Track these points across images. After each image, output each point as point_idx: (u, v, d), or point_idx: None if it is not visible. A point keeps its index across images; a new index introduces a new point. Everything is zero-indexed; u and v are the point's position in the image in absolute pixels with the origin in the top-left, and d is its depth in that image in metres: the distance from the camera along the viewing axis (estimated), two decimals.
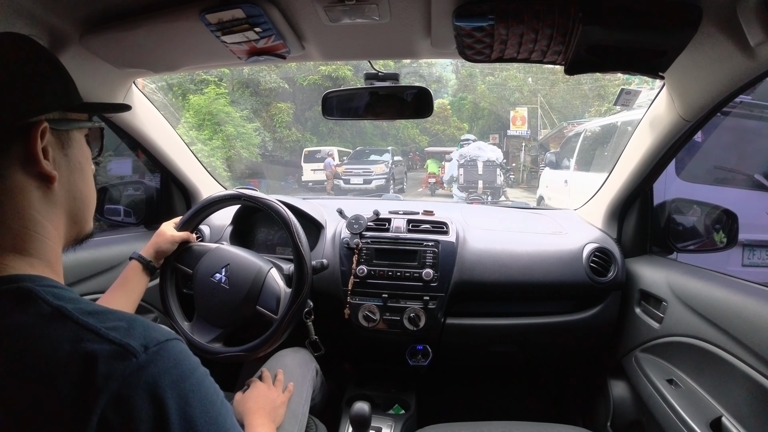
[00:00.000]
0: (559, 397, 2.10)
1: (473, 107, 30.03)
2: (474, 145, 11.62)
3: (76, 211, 0.68)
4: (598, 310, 1.63)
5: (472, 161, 10.97)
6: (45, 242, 0.62)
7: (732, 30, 0.91)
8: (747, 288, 1.17)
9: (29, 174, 0.59)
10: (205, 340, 1.35)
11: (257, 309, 1.34)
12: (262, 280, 1.37)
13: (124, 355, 0.49)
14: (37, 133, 0.59)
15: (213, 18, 1.03)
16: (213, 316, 1.38)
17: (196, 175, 2.03)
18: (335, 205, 1.89)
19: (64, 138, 0.65)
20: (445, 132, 29.09)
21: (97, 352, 0.49)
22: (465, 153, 11.14)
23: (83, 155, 0.69)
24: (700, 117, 1.25)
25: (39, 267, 0.60)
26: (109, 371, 0.48)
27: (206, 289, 1.38)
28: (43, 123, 0.60)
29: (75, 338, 0.50)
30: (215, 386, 0.57)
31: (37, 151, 0.59)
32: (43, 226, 0.62)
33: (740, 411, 1.08)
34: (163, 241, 1.37)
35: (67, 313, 0.52)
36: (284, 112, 19.05)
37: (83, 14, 1.08)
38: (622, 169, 1.65)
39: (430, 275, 1.59)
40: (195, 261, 1.42)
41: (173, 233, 1.41)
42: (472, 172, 10.99)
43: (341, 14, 1.04)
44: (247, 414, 1.12)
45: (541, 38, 1.01)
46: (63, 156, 0.65)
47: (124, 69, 1.39)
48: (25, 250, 0.59)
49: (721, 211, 1.59)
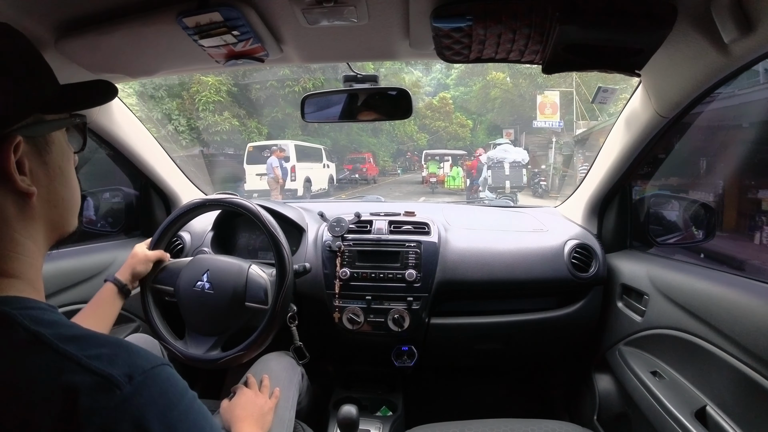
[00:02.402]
0: (546, 393, 2.12)
1: (481, 97, 27.34)
2: (500, 147, 12.15)
3: (57, 218, 0.63)
4: (580, 306, 1.65)
5: (498, 163, 11.48)
6: (24, 260, 0.58)
7: (706, 27, 0.93)
8: (726, 279, 1.19)
9: (4, 193, 0.55)
10: (202, 351, 1.33)
11: (247, 305, 1.33)
12: (245, 275, 1.36)
13: (107, 387, 0.46)
14: (9, 150, 0.53)
15: (190, 21, 1.01)
16: (205, 326, 1.37)
17: (175, 181, 2.01)
18: (316, 208, 1.89)
19: (41, 144, 0.59)
20: (447, 129, 27.55)
21: (79, 384, 0.46)
22: (492, 155, 11.81)
23: (63, 157, 0.63)
24: (676, 113, 1.27)
25: (19, 286, 0.56)
26: (92, 405, 0.45)
27: (192, 300, 1.36)
28: (16, 137, 0.54)
29: (54, 369, 0.47)
30: (204, 410, 0.55)
31: (11, 170, 0.54)
32: (22, 244, 0.57)
33: (724, 400, 1.10)
34: (137, 262, 1.35)
35: (45, 340, 0.49)
36: (211, 88, 14.04)
37: (58, 18, 1.06)
38: (601, 166, 1.67)
39: (413, 276, 1.59)
40: (174, 277, 1.41)
41: (146, 253, 1.38)
42: (499, 173, 11.59)
43: (319, 16, 1.04)
44: (235, 422, 1.10)
45: (519, 38, 1.02)
46: (41, 164, 0.59)
47: (101, 74, 1.36)
48: (3, 271, 0.55)
49: (699, 204, 1.62)
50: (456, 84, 31.49)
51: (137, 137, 1.77)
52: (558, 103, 16.78)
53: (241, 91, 16.45)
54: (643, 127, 1.39)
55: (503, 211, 2.15)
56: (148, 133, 1.84)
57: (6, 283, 0.55)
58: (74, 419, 0.45)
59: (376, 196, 2.35)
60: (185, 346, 1.36)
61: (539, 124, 17.74)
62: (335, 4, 0.98)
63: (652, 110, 1.31)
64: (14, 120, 0.55)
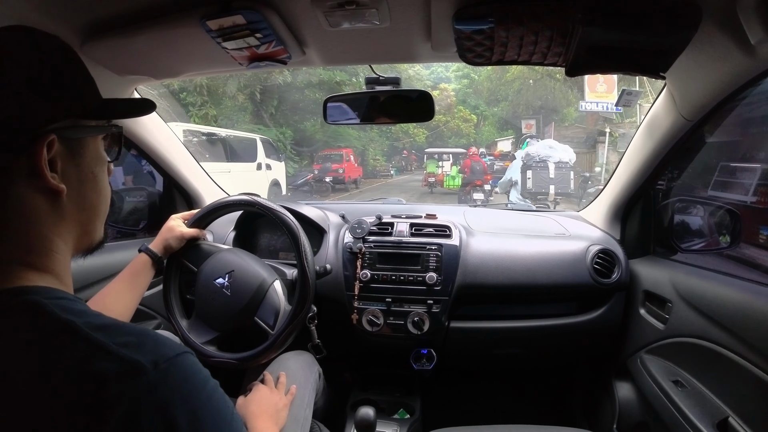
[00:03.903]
0: (565, 399, 2.10)
1: (494, 81, 23.67)
2: (544, 143, 9.40)
3: (86, 221, 0.64)
4: (602, 312, 1.62)
5: (541, 162, 8.74)
6: (54, 256, 0.59)
7: (732, 28, 0.91)
8: (752, 288, 1.16)
9: (35, 188, 0.56)
10: (201, 341, 1.35)
11: (255, 320, 1.34)
12: (264, 292, 1.37)
13: (134, 373, 0.48)
14: (42, 147, 0.55)
15: (214, 24, 1.03)
16: (211, 319, 1.39)
17: (198, 182, 2.04)
18: (337, 209, 1.90)
19: (75, 147, 0.61)
20: (448, 125, 25.80)
21: (107, 371, 0.47)
22: (533, 152, 8.89)
23: (97, 163, 0.65)
24: (702, 116, 1.25)
25: (48, 279, 0.58)
26: (120, 391, 0.47)
27: (208, 292, 1.38)
28: (50, 136, 0.56)
29: (85, 356, 0.48)
30: (226, 398, 0.56)
31: (42, 166, 0.55)
32: (52, 240, 0.59)
33: (747, 411, 1.08)
34: (172, 237, 1.37)
35: (76, 328, 0.50)
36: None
37: (84, 22, 1.09)
38: (624, 170, 1.65)
39: (434, 279, 1.58)
40: (201, 260, 1.42)
41: (183, 230, 1.41)
42: (543, 175, 8.71)
43: (341, 19, 1.04)
44: (250, 418, 1.11)
45: (541, 40, 1.02)
46: (73, 166, 0.60)
47: (126, 76, 1.39)
48: (33, 264, 0.57)
49: (724, 210, 1.58)
50: (459, 77, 29.03)
51: (162, 138, 1.80)
52: (615, 78, 12.22)
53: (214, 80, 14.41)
54: (668, 131, 1.37)
55: (525, 214, 2.13)
56: (172, 134, 1.87)
57: (36, 275, 0.57)
58: (103, 404, 0.46)
59: (398, 199, 2.35)
60: (188, 328, 1.39)
61: (588, 106, 13.44)
62: (357, 7, 0.98)
63: (677, 113, 1.29)
64: (51, 119, 0.57)
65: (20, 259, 0.56)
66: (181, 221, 1.44)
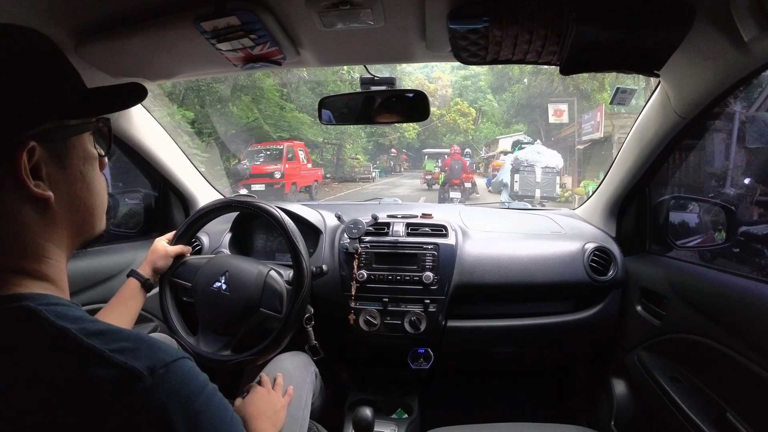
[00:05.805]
0: (562, 397, 2.10)
1: (498, 73, 21.56)
2: (532, 148, 10.37)
3: (80, 221, 0.63)
4: (598, 309, 1.63)
5: (529, 167, 9.71)
6: (47, 262, 0.59)
7: (725, 26, 0.92)
8: (748, 284, 1.17)
9: (22, 198, 0.55)
10: (213, 350, 1.35)
11: (261, 311, 1.34)
12: (263, 281, 1.37)
13: (130, 380, 0.48)
14: (21, 156, 0.53)
15: (208, 26, 1.03)
16: (218, 325, 1.38)
17: (193, 183, 2.03)
18: (333, 210, 1.89)
19: (60, 149, 0.58)
20: (443, 119, 23.94)
21: (103, 378, 0.47)
22: (522, 157, 9.85)
23: (85, 161, 0.62)
24: (696, 113, 1.25)
25: (43, 285, 0.57)
26: (116, 397, 0.47)
27: (208, 299, 1.38)
28: (29, 143, 0.53)
29: (79, 363, 0.48)
30: (224, 402, 0.56)
31: (23, 176, 0.53)
32: (44, 246, 0.58)
33: (744, 406, 1.08)
34: (157, 257, 1.38)
35: (70, 335, 0.50)
36: None
37: (78, 24, 1.08)
38: (619, 168, 1.66)
39: (430, 278, 1.58)
40: (193, 273, 1.42)
41: (167, 248, 1.41)
42: (529, 179, 9.71)
43: (336, 19, 1.04)
44: (248, 419, 1.11)
45: (535, 39, 1.02)
46: (60, 169, 0.58)
47: (120, 78, 1.39)
48: (27, 271, 0.57)
49: (719, 207, 1.59)
50: (456, 67, 25.52)
51: (156, 139, 1.80)
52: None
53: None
54: (663, 128, 1.38)
55: (520, 213, 2.14)
56: (167, 135, 1.86)
57: (31, 282, 0.56)
58: (98, 411, 0.46)
59: (394, 198, 2.34)
60: (197, 343, 1.38)
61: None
62: (351, 7, 0.98)
63: (672, 111, 1.29)
64: (29, 126, 0.54)
65: (13, 267, 0.56)
66: (165, 241, 1.44)
